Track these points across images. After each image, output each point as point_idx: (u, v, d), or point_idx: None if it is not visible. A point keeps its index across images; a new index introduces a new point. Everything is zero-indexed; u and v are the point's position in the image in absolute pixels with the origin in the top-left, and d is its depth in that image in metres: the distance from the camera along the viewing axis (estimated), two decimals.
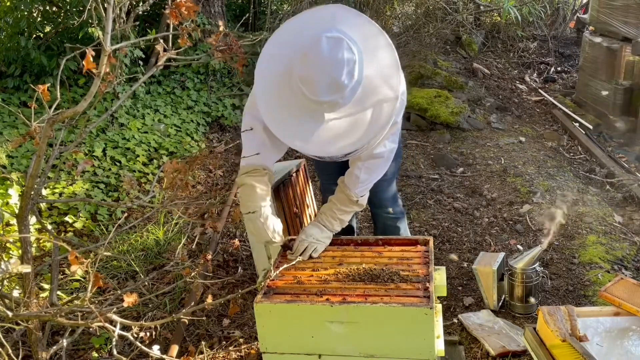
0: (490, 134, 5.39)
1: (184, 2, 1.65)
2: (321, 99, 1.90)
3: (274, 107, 2.02)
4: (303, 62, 1.92)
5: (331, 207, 2.38)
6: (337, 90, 1.90)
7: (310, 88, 1.90)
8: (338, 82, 1.89)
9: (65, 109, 1.79)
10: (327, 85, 1.89)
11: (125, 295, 1.57)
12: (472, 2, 7.38)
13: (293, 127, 2.00)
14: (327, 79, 1.88)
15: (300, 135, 2.00)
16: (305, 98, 1.94)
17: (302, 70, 1.92)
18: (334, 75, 1.88)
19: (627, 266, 3.21)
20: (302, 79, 1.91)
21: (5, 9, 5.26)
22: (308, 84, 1.90)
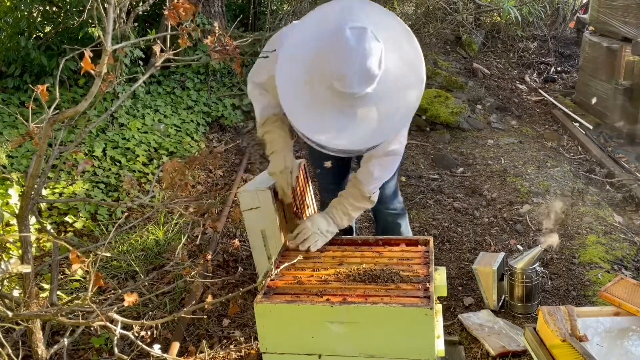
0: (490, 134, 5.39)
1: (181, 3, 1.65)
2: (354, 91, 1.87)
3: (300, 107, 1.98)
4: (330, 57, 1.88)
5: (342, 202, 2.36)
6: (369, 80, 1.87)
7: (342, 81, 1.86)
8: (370, 73, 1.86)
9: (65, 109, 1.79)
10: (359, 76, 1.85)
11: (125, 295, 1.57)
12: (472, 2, 7.39)
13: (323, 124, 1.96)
14: (359, 70, 1.85)
15: (331, 131, 1.96)
16: (334, 93, 1.90)
17: (330, 65, 1.88)
18: (366, 66, 1.85)
19: (627, 266, 3.21)
20: (332, 73, 1.87)
21: (5, 9, 5.26)
22: (339, 77, 1.86)
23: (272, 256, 2.29)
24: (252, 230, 2.90)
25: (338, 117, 1.94)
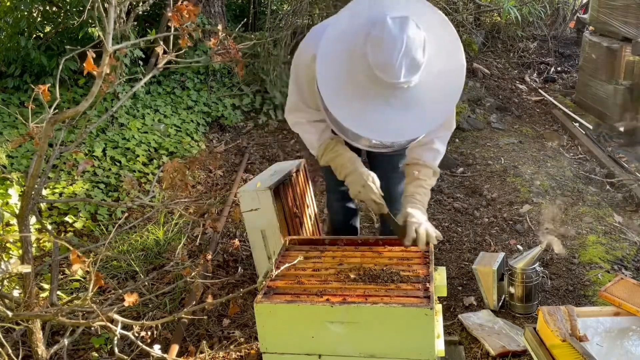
0: (490, 134, 5.39)
1: (185, 5, 1.66)
2: (400, 81, 1.84)
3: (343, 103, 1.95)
4: (374, 48, 1.85)
5: (421, 185, 2.33)
6: (414, 69, 1.85)
7: (388, 72, 1.83)
8: (415, 61, 1.84)
9: (65, 109, 1.79)
10: (405, 65, 1.83)
11: (125, 295, 1.57)
12: (472, 2, 7.38)
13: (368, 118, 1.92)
14: (405, 59, 1.82)
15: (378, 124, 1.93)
16: (378, 85, 1.87)
17: (375, 56, 1.84)
18: (411, 55, 1.83)
19: (627, 266, 3.21)
20: (377, 64, 1.84)
21: (5, 9, 5.26)
22: (385, 68, 1.83)
23: (272, 256, 2.29)
24: (252, 230, 2.90)
25: (384, 109, 1.91)
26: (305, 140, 2.41)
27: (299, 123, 2.39)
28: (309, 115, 2.35)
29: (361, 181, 2.24)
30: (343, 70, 1.92)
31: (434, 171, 2.35)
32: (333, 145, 2.31)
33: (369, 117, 1.92)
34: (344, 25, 1.97)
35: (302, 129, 2.39)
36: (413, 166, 2.36)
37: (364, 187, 2.24)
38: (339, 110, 1.95)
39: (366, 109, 1.92)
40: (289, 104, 2.41)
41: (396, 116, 1.91)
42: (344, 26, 1.96)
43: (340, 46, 1.93)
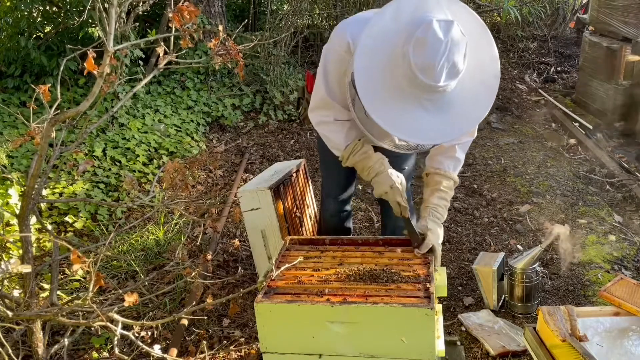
0: (490, 134, 5.39)
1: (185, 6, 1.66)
2: (439, 84, 1.84)
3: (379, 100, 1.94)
4: (418, 49, 1.84)
5: (443, 197, 2.35)
6: (455, 74, 1.86)
7: (429, 74, 1.83)
8: (456, 66, 1.84)
9: (66, 109, 1.79)
10: (447, 69, 1.83)
11: (125, 295, 1.57)
12: (472, 2, 7.38)
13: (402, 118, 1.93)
14: (446, 63, 1.83)
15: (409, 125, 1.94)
16: (415, 85, 1.87)
17: (418, 57, 1.84)
18: (453, 59, 1.83)
19: (627, 266, 3.22)
20: (419, 65, 1.84)
21: (5, 9, 5.26)
22: (426, 69, 1.83)
23: (272, 256, 2.29)
24: (252, 230, 2.90)
25: (418, 111, 1.91)
26: (329, 140, 2.36)
27: (325, 122, 2.34)
28: (335, 113, 2.30)
29: (390, 182, 2.25)
30: (382, 67, 1.92)
31: (454, 181, 2.36)
32: (360, 147, 2.30)
33: (402, 117, 1.93)
34: (387, 22, 1.95)
35: (327, 128, 2.35)
36: (435, 176, 2.37)
37: (392, 189, 2.25)
38: (372, 105, 1.94)
39: (400, 108, 1.92)
40: (314, 101, 2.35)
41: (429, 119, 1.92)
42: (387, 23, 1.94)
43: (382, 43, 1.92)
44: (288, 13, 6.34)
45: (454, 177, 2.35)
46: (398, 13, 1.95)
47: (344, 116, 2.31)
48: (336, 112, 2.29)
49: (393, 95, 1.92)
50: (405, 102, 1.92)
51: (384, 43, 1.93)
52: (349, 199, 2.85)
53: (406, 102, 1.92)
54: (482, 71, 1.95)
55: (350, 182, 2.79)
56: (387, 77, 1.92)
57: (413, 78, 1.86)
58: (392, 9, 1.97)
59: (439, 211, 2.34)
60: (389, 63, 1.91)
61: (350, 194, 2.83)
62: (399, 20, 1.92)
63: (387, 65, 1.91)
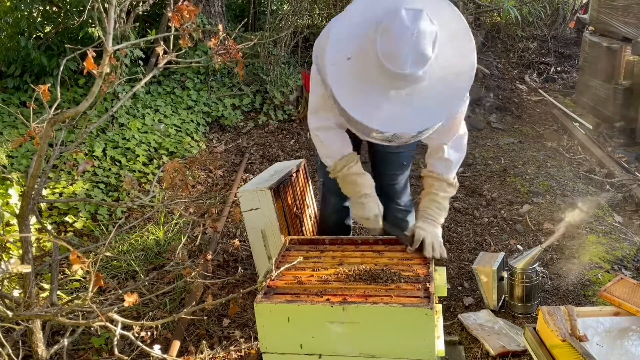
0: (490, 134, 5.39)
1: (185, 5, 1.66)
2: (405, 72, 1.83)
3: (349, 90, 1.94)
4: (384, 37, 1.84)
5: (433, 199, 2.35)
6: (421, 62, 1.83)
7: (395, 61, 1.82)
8: (423, 54, 1.83)
9: (65, 109, 1.79)
10: (413, 57, 1.82)
11: (125, 295, 1.57)
12: (472, 2, 7.38)
13: (372, 108, 1.92)
14: (412, 51, 1.82)
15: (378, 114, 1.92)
16: (384, 74, 1.86)
17: (384, 44, 1.84)
18: (420, 47, 1.82)
19: (627, 266, 3.21)
20: (385, 53, 1.83)
21: (5, 9, 5.26)
22: (392, 57, 1.83)
23: (272, 256, 2.29)
24: (252, 230, 2.90)
25: (386, 99, 1.90)
26: (325, 146, 2.34)
27: (325, 127, 2.30)
28: (337, 116, 2.25)
29: (376, 211, 2.32)
30: (352, 54, 1.91)
31: (447, 183, 2.34)
32: (356, 162, 2.32)
33: (370, 105, 1.91)
34: (360, 11, 1.96)
35: (326, 134, 2.32)
36: (427, 178, 2.38)
37: (376, 217, 2.31)
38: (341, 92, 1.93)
39: (369, 97, 1.91)
40: (311, 104, 2.33)
41: (397, 107, 1.90)
42: (360, 12, 1.95)
43: (353, 31, 1.93)
44: (288, 13, 6.34)
45: (447, 178, 2.33)
46: (368, 5, 1.95)
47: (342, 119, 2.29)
48: (336, 114, 2.26)
49: (363, 83, 1.91)
50: (375, 91, 1.90)
51: (355, 30, 1.92)
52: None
53: (376, 91, 1.90)
54: (456, 64, 1.92)
55: None
56: (358, 65, 1.91)
57: (380, 66, 1.85)
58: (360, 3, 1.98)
59: (429, 212, 2.35)
60: (360, 52, 1.90)
61: None
62: (372, 9, 1.92)
63: (358, 54, 1.90)
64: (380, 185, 2.71)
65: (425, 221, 2.35)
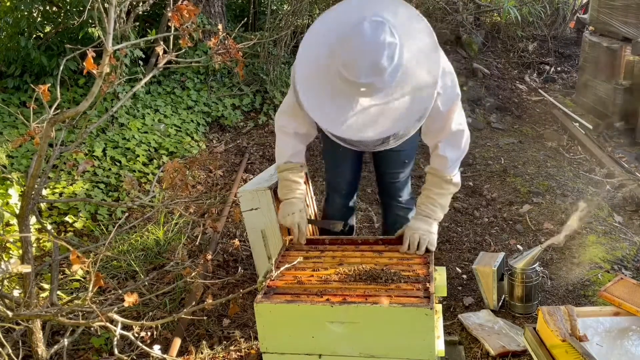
0: (490, 134, 5.39)
1: (185, 5, 1.66)
2: (361, 81, 1.91)
3: (313, 93, 2.04)
4: (345, 46, 1.93)
5: (428, 195, 2.39)
6: (377, 72, 1.90)
7: (351, 70, 1.91)
8: (378, 65, 1.89)
9: (65, 109, 1.79)
10: (368, 67, 1.89)
11: (125, 295, 1.57)
12: (472, 2, 7.38)
13: (332, 113, 2.01)
14: (368, 61, 1.89)
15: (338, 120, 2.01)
16: (345, 82, 1.94)
17: (343, 53, 1.92)
18: (374, 58, 1.89)
19: (627, 266, 3.21)
20: (344, 62, 1.92)
21: (5, 9, 5.26)
22: (349, 66, 1.91)
23: (272, 256, 2.30)
24: (252, 230, 2.90)
25: (346, 106, 1.98)
26: (279, 147, 2.47)
27: (285, 132, 2.42)
28: (298, 125, 2.38)
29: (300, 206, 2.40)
30: (319, 62, 2.01)
31: (444, 179, 2.35)
32: (297, 172, 2.43)
33: (333, 112, 2.01)
34: (331, 20, 2.05)
35: (284, 138, 2.44)
36: (427, 175, 2.42)
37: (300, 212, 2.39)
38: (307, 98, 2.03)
39: (332, 104, 2.00)
40: (284, 105, 2.45)
41: (360, 115, 1.98)
42: (330, 21, 2.05)
43: (320, 40, 2.02)
44: (288, 13, 6.34)
45: (443, 175, 2.35)
46: (339, 14, 2.05)
47: (304, 129, 2.39)
48: (299, 123, 2.37)
49: (328, 91, 2.00)
50: (338, 99, 1.99)
51: (323, 41, 2.02)
52: (354, 193, 2.86)
53: (340, 99, 1.99)
54: (420, 74, 1.99)
55: (357, 175, 2.82)
56: (323, 73, 2.00)
57: (340, 74, 1.94)
58: (333, 12, 2.09)
59: (422, 209, 2.38)
60: (325, 60, 1.99)
61: (355, 188, 2.86)
62: (341, 19, 2.01)
63: (324, 62, 2.00)
64: (382, 183, 2.74)
65: (416, 217, 2.38)
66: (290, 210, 2.39)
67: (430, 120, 2.22)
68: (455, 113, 2.27)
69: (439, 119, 2.24)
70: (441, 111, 2.20)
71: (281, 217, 2.45)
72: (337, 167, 2.72)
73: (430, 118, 2.20)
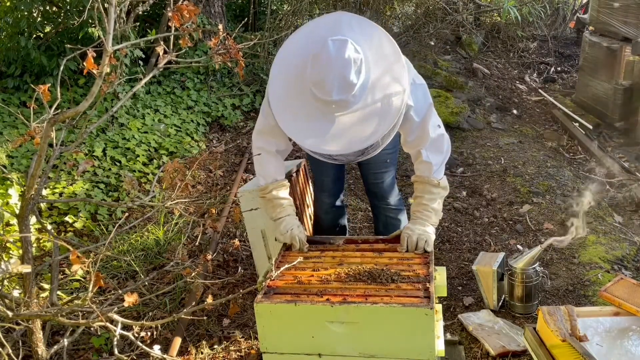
0: (490, 134, 5.39)
1: (185, 5, 1.67)
2: (332, 99, 1.96)
3: (289, 114, 2.10)
4: (313, 66, 1.99)
5: (420, 202, 2.41)
6: (347, 89, 1.96)
7: (321, 89, 1.97)
8: (347, 81, 1.95)
9: (65, 109, 1.79)
10: (338, 84, 1.95)
11: (125, 295, 1.57)
12: (472, 2, 7.38)
13: (307, 129, 2.08)
14: (337, 78, 1.95)
15: (314, 137, 2.07)
16: (317, 100, 2.01)
17: (312, 73, 1.99)
18: (343, 74, 1.95)
19: (627, 266, 3.21)
20: (313, 81, 1.98)
21: (5, 9, 5.26)
22: (319, 85, 1.97)
23: (272, 256, 2.30)
24: (252, 230, 2.90)
25: (321, 123, 2.04)
26: (260, 167, 2.45)
27: (266, 150, 2.41)
28: (279, 142, 2.39)
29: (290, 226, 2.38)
30: (291, 80, 2.08)
31: (432, 184, 2.37)
32: (284, 189, 2.45)
33: (305, 127, 2.08)
34: (299, 43, 2.12)
35: (266, 157, 2.43)
36: (415, 183, 2.44)
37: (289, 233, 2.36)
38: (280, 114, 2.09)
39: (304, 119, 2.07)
40: (259, 124, 2.42)
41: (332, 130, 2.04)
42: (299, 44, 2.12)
43: (292, 61, 2.09)
44: (288, 13, 6.34)
45: (430, 180, 2.37)
46: (308, 34, 2.13)
47: (283, 145, 2.42)
48: (278, 140, 2.38)
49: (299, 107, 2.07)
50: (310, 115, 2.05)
51: (294, 62, 2.08)
52: (340, 192, 2.90)
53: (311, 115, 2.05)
54: (388, 85, 2.04)
55: (341, 173, 2.86)
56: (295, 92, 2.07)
57: (311, 94, 2.01)
58: (302, 32, 2.16)
59: (417, 215, 2.39)
60: (296, 80, 2.06)
61: (341, 186, 2.90)
62: (307, 41, 2.08)
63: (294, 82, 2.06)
64: (367, 184, 2.79)
65: (412, 221, 2.39)
66: (289, 227, 2.38)
67: (407, 131, 2.29)
68: (430, 121, 2.30)
69: (415, 130, 2.29)
70: (416, 122, 2.25)
71: (279, 234, 2.43)
72: (321, 165, 2.75)
73: (406, 130, 2.28)
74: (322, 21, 2.17)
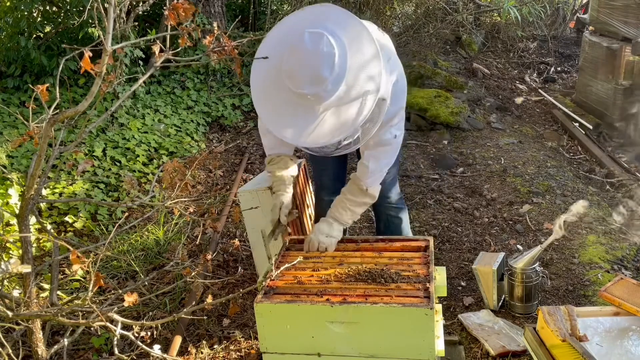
0: (490, 134, 5.39)
1: (181, 3, 1.66)
2: (304, 92, 1.97)
3: (265, 102, 2.12)
4: (287, 57, 2.00)
5: (342, 199, 2.42)
6: (318, 83, 1.95)
7: (293, 81, 1.98)
8: (318, 75, 1.94)
9: (65, 109, 1.79)
10: (309, 78, 1.95)
11: (125, 295, 1.57)
12: (472, 2, 7.38)
13: (282, 120, 2.09)
14: (308, 72, 1.95)
15: (289, 127, 2.08)
16: (290, 92, 2.01)
17: (286, 64, 2.00)
18: (314, 69, 1.94)
19: (627, 266, 3.21)
20: (286, 72, 1.99)
21: (5, 9, 5.26)
22: (291, 77, 1.98)
23: (272, 256, 2.29)
24: (252, 230, 2.90)
25: (296, 115, 2.05)
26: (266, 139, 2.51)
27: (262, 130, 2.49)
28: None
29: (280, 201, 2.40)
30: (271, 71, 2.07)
31: (360, 188, 2.37)
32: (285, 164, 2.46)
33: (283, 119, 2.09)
34: (280, 35, 2.13)
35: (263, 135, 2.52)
36: (351, 177, 2.45)
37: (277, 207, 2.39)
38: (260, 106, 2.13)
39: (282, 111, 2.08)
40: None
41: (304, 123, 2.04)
42: (280, 36, 2.12)
43: (273, 54, 2.09)
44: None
45: (359, 182, 2.37)
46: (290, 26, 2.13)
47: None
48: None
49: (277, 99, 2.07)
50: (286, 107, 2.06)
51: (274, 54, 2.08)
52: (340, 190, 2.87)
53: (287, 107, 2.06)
54: (363, 80, 2.03)
55: (342, 172, 2.85)
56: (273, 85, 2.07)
57: (285, 85, 2.01)
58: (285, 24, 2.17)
59: (332, 210, 2.42)
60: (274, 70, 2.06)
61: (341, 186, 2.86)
62: (288, 33, 2.08)
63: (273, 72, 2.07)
64: None
65: (323, 219, 2.42)
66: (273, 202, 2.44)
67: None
68: (393, 125, 2.29)
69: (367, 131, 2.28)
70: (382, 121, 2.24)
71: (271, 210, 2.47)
72: (320, 164, 2.75)
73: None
74: (306, 12, 2.16)
